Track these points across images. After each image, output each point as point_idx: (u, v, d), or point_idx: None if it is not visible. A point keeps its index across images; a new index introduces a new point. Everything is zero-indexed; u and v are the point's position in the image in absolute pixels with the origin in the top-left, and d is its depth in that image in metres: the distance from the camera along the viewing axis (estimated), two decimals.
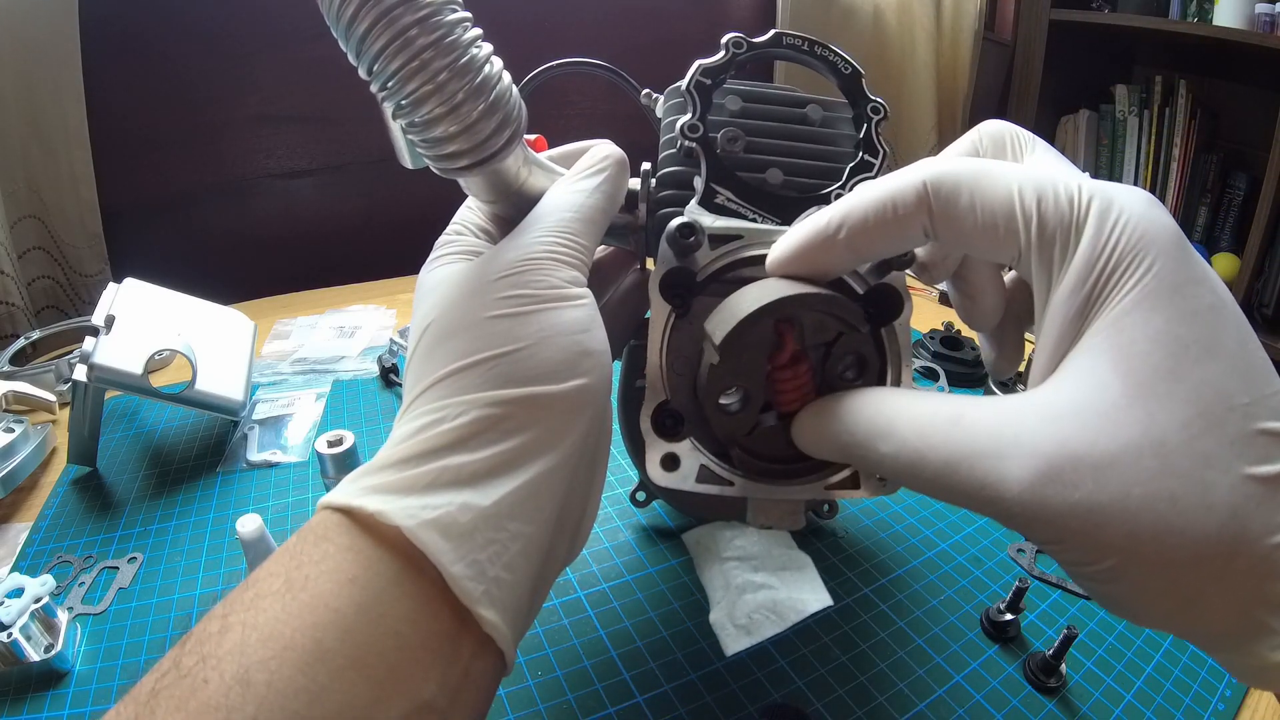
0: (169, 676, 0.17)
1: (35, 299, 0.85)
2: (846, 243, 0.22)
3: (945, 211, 0.20)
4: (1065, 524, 0.16)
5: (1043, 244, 0.19)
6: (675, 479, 0.26)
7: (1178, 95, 1.46)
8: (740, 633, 0.38)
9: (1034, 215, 0.19)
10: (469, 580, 0.19)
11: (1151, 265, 0.17)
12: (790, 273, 0.23)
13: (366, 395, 0.63)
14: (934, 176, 0.20)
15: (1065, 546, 0.17)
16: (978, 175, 0.20)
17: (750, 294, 0.23)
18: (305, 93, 0.93)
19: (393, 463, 0.21)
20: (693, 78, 0.28)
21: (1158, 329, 0.17)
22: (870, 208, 0.21)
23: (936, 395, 0.20)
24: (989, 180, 0.20)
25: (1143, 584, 0.16)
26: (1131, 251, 0.17)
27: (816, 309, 0.23)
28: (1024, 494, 0.17)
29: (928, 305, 0.80)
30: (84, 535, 0.46)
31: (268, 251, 0.99)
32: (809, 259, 0.23)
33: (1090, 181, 0.19)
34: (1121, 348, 0.17)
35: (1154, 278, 0.17)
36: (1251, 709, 0.35)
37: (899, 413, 0.20)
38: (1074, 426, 0.17)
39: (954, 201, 0.20)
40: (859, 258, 0.23)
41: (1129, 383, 0.17)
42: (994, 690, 0.36)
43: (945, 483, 0.18)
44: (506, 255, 0.24)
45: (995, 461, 0.17)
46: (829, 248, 0.22)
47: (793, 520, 0.27)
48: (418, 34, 0.20)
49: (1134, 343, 0.17)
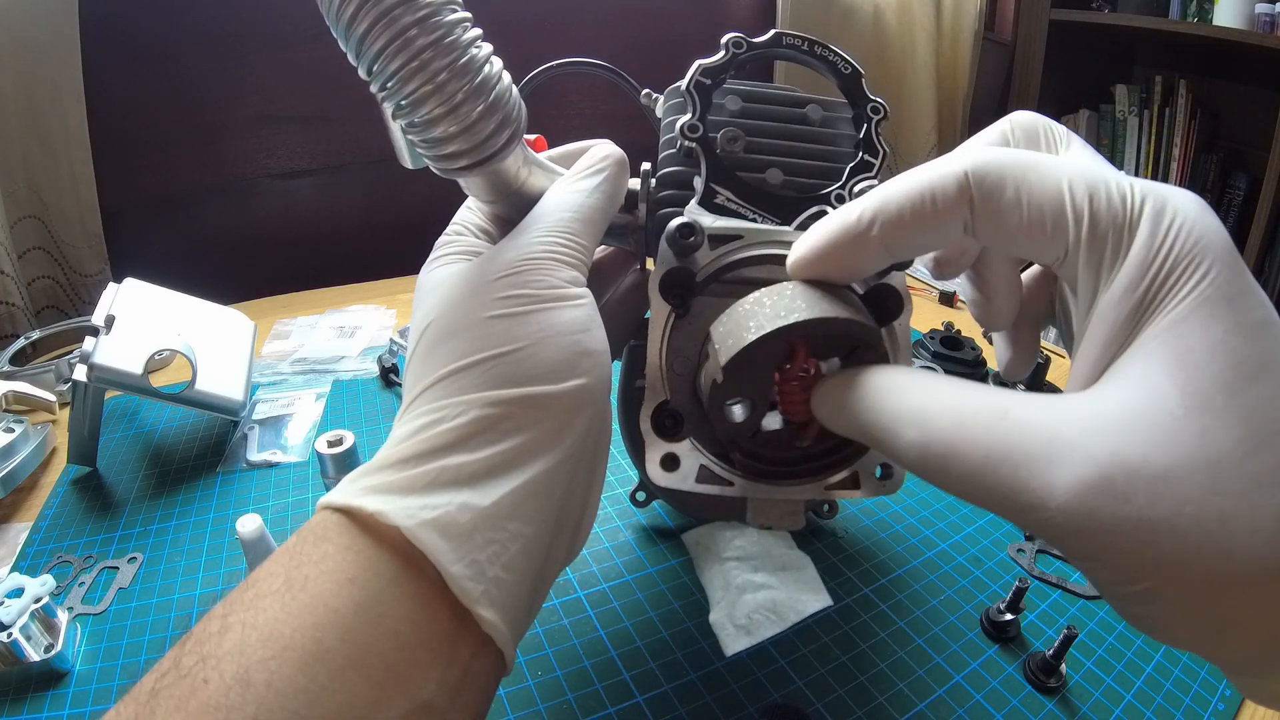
0: (169, 676, 0.17)
1: (35, 299, 0.85)
2: (880, 239, 0.20)
3: (988, 205, 0.18)
4: (1110, 540, 0.15)
5: (1093, 243, 0.18)
6: (675, 479, 0.26)
7: (1178, 95, 1.47)
8: (740, 633, 0.38)
9: (1085, 212, 0.18)
10: (468, 580, 0.19)
11: (1208, 272, 0.16)
12: (815, 274, 0.22)
13: (366, 395, 0.63)
14: (977, 166, 0.19)
15: (1103, 564, 0.16)
16: (1024, 167, 0.18)
17: (762, 309, 0.22)
18: (305, 93, 0.93)
19: (392, 463, 0.21)
20: (692, 78, 0.28)
21: (1216, 339, 0.16)
22: (907, 199, 0.19)
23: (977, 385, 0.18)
24: (1036, 173, 0.18)
25: (1180, 606, 0.15)
26: (1187, 256, 0.17)
27: (837, 331, 0.21)
28: (1071, 503, 0.15)
29: (928, 305, 0.80)
30: (84, 535, 0.46)
31: (268, 251, 0.99)
32: (837, 259, 0.21)
33: (1140, 181, 0.18)
34: (1179, 356, 0.16)
35: (1210, 285, 0.16)
36: (1251, 709, 0.35)
37: (935, 399, 0.18)
38: (1128, 436, 0.15)
39: (998, 194, 0.18)
40: (891, 256, 0.20)
41: (1186, 394, 0.16)
42: (994, 690, 0.36)
43: (978, 482, 0.17)
44: (506, 255, 0.24)
45: (1043, 465, 0.16)
46: (860, 245, 0.20)
47: (793, 520, 0.27)
48: (417, 34, 0.20)
49: (1192, 351, 0.16)
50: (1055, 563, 0.44)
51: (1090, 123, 1.60)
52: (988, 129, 0.23)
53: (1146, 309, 0.17)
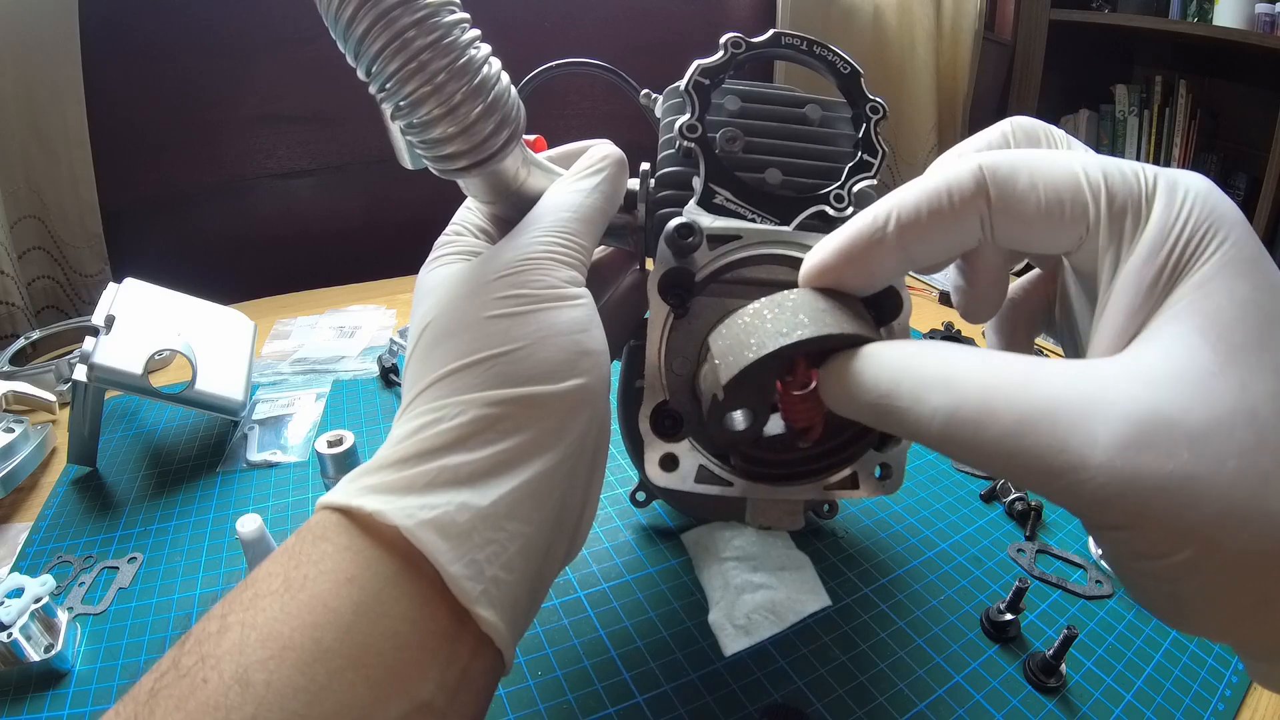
0: (168, 676, 0.17)
1: (35, 299, 0.85)
2: (897, 239, 0.19)
3: (1005, 193, 0.18)
4: (1151, 501, 0.14)
5: (1113, 219, 0.18)
6: (674, 479, 0.26)
7: (1178, 95, 1.47)
8: (739, 633, 0.38)
9: (1102, 190, 0.18)
10: (467, 580, 0.19)
11: (1227, 237, 0.17)
12: (830, 282, 0.21)
13: (366, 395, 0.63)
14: (988, 160, 0.19)
15: (1141, 532, 0.15)
16: (1035, 157, 0.19)
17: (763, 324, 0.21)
18: (305, 93, 0.94)
19: (391, 462, 0.21)
20: (691, 78, 0.28)
21: (1245, 296, 0.16)
22: (923, 197, 0.19)
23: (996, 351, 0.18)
24: (1047, 162, 0.18)
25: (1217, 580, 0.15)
26: (1205, 223, 0.17)
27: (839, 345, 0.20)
28: (1114, 460, 0.14)
29: (928, 305, 0.80)
30: (84, 535, 0.46)
31: (268, 251, 0.99)
32: (854, 265, 0.20)
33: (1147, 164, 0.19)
34: (1210, 314, 0.16)
35: (1233, 247, 0.16)
36: (1251, 709, 0.35)
37: (959, 363, 0.17)
38: (1167, 391, 0.15)
39: (1013, 182, 0.18)
40: (909, 260, 0.20)
41: (1219, 349, 0.15)
42: (994, 690, 0.36)
43: (1013, 445, 0.16)
44: (505, 255, 0.24)
45: (1082, 422, 0.15)
46: (877, 248, 0.20)
47: (792, 520, 0.27)
48: (416, 35, 0.20)
49: (1222, 309, 0.16)
50: (1055, 563, 0.44)
51: (1090, 123, 1.60)
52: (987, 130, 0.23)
53: (1171, 274, 0.17)
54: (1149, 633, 0.39)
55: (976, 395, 0.16)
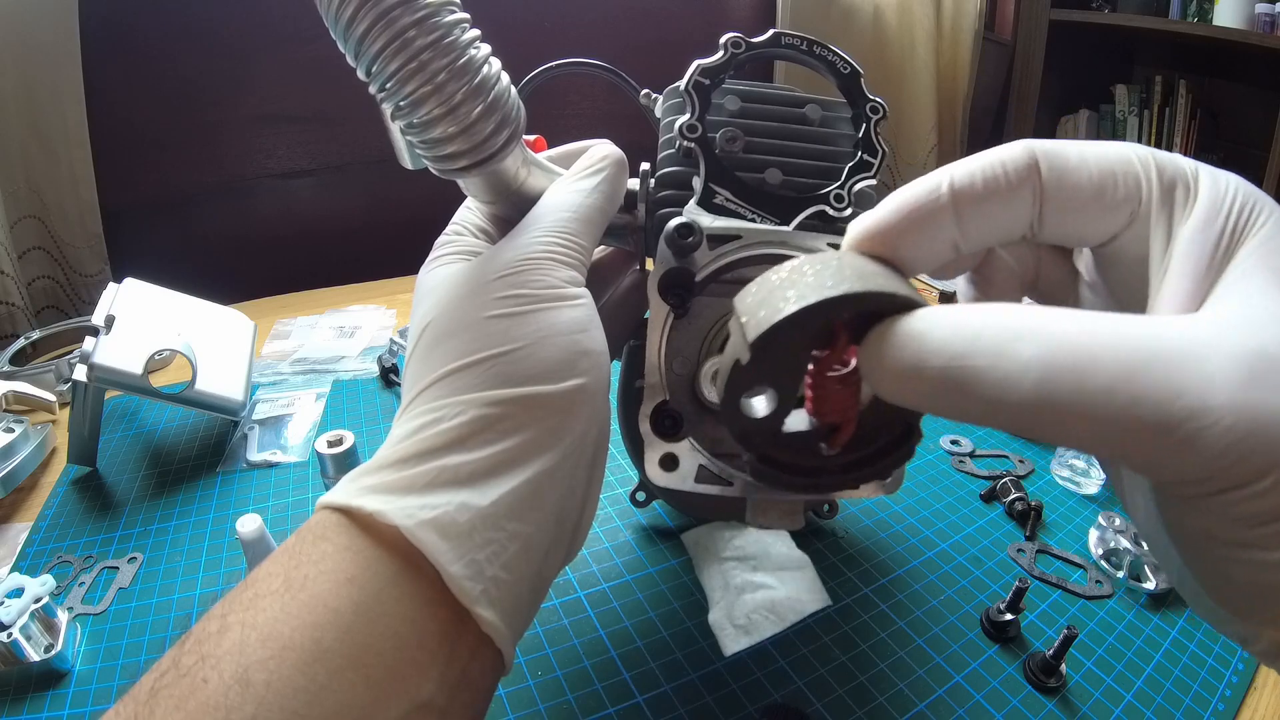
0: (168, 676, 0.17)
1: (35, 299, 0.85)
2: (953, 205, 0.18)
3: (1056, 166, 0.18)
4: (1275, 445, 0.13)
5: (1164, 193, 0.18)
6: (674, 479, 0.26)
7: (1178, 95, 1.47)
8: (739, 633, 0.38)
9: (1151, 164, 0.18)
10: (467, 580, 0.19)
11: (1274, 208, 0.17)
12: (881, 247, 0.19)
13: (366, 395, 0.63)
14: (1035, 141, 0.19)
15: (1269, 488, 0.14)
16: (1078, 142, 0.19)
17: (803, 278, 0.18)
18: (304, 93, 0.94)
19: (391, 462, 0.21)
20: (691, 78, 0.28)
21: None
22: (978, 166, 0.18)
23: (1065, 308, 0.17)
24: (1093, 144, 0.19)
25: None
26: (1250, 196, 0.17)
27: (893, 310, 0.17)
28: (1236, 399, 0.14)
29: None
30: (84, 535, 0.46)
31: (268, 251, 0.99)
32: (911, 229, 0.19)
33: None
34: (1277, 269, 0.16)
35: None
36: (1251, 709, 0.35)
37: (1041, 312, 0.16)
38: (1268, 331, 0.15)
39: (1064, 158, 0.18)
40: (963, 235, 0.19)
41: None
42: (994, 690, 0.36)
43: (1123, 393, 0.14)
44: (505, 255, 0.24)
45: (1195, 364, 0.14)
46: (934, 214, 0.18)
47: (792, 520, 0.27)
48: (416, 35, 0.20)
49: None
50: (1055, 563, 0.44)
51: (1090, 123, 1.60)
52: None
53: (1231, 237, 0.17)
54: (1149, 633, 0.39)
55: (1075, 341, 0.15)
